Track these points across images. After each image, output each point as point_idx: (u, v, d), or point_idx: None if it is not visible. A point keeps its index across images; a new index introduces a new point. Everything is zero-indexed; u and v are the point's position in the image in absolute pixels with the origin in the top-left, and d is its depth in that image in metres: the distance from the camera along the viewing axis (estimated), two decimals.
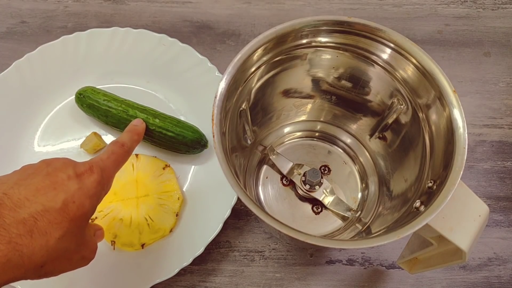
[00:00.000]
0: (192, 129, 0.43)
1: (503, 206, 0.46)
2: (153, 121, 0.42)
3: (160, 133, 0.42)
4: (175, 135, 0.42)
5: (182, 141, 0.43)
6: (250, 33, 0.54)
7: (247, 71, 0.34)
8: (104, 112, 0.44)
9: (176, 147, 0.43)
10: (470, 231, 0.29)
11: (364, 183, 0.43)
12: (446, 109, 0.31)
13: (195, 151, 0.44)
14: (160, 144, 0.44)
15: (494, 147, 0.49)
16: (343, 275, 0.42)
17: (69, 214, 0.27)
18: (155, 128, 0.42)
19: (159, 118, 0.43)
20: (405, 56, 0.34)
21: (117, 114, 0.43)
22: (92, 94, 0.44)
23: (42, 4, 0.55)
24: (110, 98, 0.44)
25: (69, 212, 0.27)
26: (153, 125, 0.42)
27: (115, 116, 0.43)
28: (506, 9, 0.57)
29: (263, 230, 0.44)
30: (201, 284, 0.41)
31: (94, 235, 0.33)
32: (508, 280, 0.42)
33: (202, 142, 0.43)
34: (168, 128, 0.42)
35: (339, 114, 0.44)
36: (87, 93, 0.44)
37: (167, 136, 0.42)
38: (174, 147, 0.43)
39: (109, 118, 0.44)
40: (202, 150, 0.44)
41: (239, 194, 0.28)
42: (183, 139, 0.42)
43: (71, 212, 0.27)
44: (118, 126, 0.44)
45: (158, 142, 0.43)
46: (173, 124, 0.43)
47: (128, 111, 0.43)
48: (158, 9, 0.55)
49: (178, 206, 0.41)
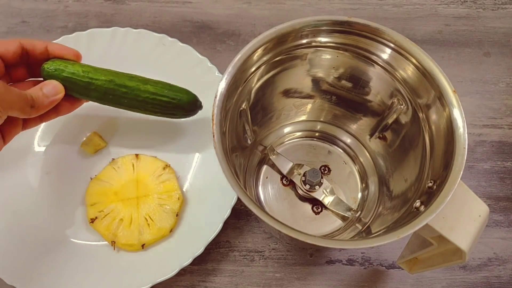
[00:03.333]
0: (186, 91, 0.41)
1: (503, 206, 0.46)
2: (144, 88, 0.39)
3: (153, 99, 0.40)
4: (170, 99, 0.40)
5: (178, 104, 0.40)
6: (250, 33, 0.54)
7: (247, 71, 0.34)
8: (86, 85, 0.38)
9: (172, 112, 0.41)
10: (470, 231, 0.29)
11: (364, 183, 0.43)
12: (446, 109, 0.31)
13: (191, 114, 0.42)
14: (155, 112, 0.41)
15: (494, 147, 0.49)
16: (343, 275, 0.42)
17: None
18: (148, 95, 0.39)
19: (150, 84, 0.40)
20: (405, 56, 0.34)
21: (102, 86, 0.38)
22: (65, 66, 0.38)
23: (43, 4, 0.55)
24: (89, 68, 0.39)
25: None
26: (145, 92, 0.39)
27: (99, 88, 0.38)
28: (506, 9, 0.57)
29: (263, 230, 0.44)
30: (201, 284, 0.41)
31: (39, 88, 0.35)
32: (508, 280, 0.42)
33: (198, 103, 0.42)
34: (161, 93, 0.40)
35: (339, 114, 0.44)
36: (58, 65, 0.37)
37: (162, 102, 0.40)
38: (170, 112, 0.41)
39: (92, 92, 0.39)
40: (197, 112, 0.43)
41: (239, 194, 0.28)
42: (179, 102, 0.40)
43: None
44: (105, 99, 0.40)
45: (152, 109, 0.41)
46: (166, 89, 0.40)
47: (114, 81, 0.39)
48: (158, 9, 0.55)
49: (178, 206, 0.41)
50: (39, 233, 0.41)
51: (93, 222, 0.40)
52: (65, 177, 0.44)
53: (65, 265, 0.39)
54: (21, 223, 0.41)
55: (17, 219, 0.41)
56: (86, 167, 0.44)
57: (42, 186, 0.43)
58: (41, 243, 0.40)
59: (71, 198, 0.43)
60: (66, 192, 0.43)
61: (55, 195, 0.43)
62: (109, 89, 0.39)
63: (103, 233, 0.40)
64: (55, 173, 0.44)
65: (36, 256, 0.39)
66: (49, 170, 0.44)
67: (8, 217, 0.41)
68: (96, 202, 0.41)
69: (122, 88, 0.39)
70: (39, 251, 0.40)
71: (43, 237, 0.41)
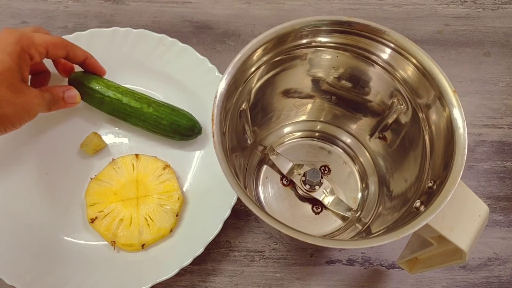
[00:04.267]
0: (187, 117, 0.44)
1: (503, 206, 0.46)
2: (147, 110, 0.43)
3: (155, 121, 0.43)
4: (169, 123, 0.43)
5: (176, 129, 0.43)
6: (250, 33, 0.54)
7: (247, 71, 0.34)
8: (99, 100, 0.43)
9: (170, 134, 0.44)
10: (470, 231, 0.29)
11: (364, 183, 0.43)
12: (446, 109, 0.31)
13: (189, 138, 0.45)
14: (155, 132, 0.45)
15: (494, 147, 0.49)
16: (343, 275, 0.42)
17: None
18: (149, 117, 0.43)
19: (153, 107, 0.43)
20: (405, 56, 0.34)
21: (111, 103, 0.43)
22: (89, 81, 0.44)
23: (43, 4, 0.55)
24: (104, 84, 0.44)
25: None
26: (147, 114, 0.43)
27: (109, 104, 0.43)
28: (506, 9, 0.57)
29: (263, 230, 0.44)
30: (201, 284, 0.41)
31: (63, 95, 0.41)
32: (508, 280, 0.42)
33: (196, 130, 0.44)
34: (161, 117, 0.43)
35: (339, 114, 0.44)
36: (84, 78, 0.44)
37: (161, 125, 0.43)
38: (169, 135, 0.44)
39: (104, 107, 0.44)
40: (196, 137, 0.45)
41: (239, 194, 0.28)
42: (177, 127, 0.43)
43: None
44: (114, 115, 0.44)
45: (153, 130, 0.44)
46: (167, 113, 0.43)
47: (121, 100, 0.43)
48: (158, 9, 0.55)
49: (178, 206, 0.41)
50: (39, 233, 0.41)
51: (93, 222, 0.40)
52: (65, 178, 0.44)
53: (65, 265, 0.39)
54: (21, 224, 0.41)
55: (17, 219, 0.41)
56: (86, 167, 0.44)
57: (42, 186, 0.43)
58: (41, 243, 0.40)
59: (71, 198, 0.43)
60: (66, 192, 0.43)
61: (55, 196, 0.43)
62: (116, 106, 0.43)
63: (103, 233, 0.40)
64: (54, 174, 0.44)
65: (36, 256, 0.39)
66: (49, 171, 0.44)
67: (8, 218, 0.41)
68: (96, 202, 0.41)
69: (127, 108, 0.43)
70: (39, 251, 0.40)
71: (43, 237, 0.41)
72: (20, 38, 0.36)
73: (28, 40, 0.37)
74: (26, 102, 0.36)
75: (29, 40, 0.37)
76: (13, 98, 0.35)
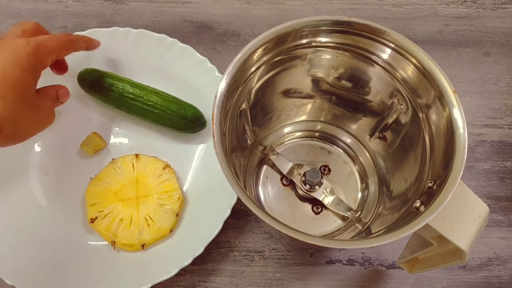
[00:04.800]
0: (193, 107, 0.44)
1: (503, 206, 0.46)
2: (155, 98, 0.43)
3: (161, 106, 0.43)
4: (176, 109, 0.43)
5: (183, 115, 0.43)
6: (250, 33, 0.54)
7: (247, 71, 0.34)
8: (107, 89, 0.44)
9: (175, 125, 0.44)
10: (470, 231, 0.29)
11: (364, 183, 0.43)
12: (446, 109, 0.31)
13: (193, 130, 0.45)
14: (159, 122, 0.44)
15: (494, 147, 0.49)
16: (343, 275, 0.42)
17: (7, 85, 0.32)
18: (156, 102, 0.43)
19: (159, 96, 0.44)
20: (405, 56, 0.34)
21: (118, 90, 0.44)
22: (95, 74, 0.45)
23: (42, 4, 0.55)
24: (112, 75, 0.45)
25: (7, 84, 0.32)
26: (155, 100, 0.43)
27: (116, 93, 0.44)
28: (506, 9, 0.57)
29: (263, 230, 0.44)
30: (201, 284, 0.41)
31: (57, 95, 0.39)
32: (508, 280, 0.42)
33: (202, 120, 0.44)
34: (169, 103, 0.43)
35: (339, 114, 0.44)
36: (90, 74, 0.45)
37: (168, 111, 0.43)
38: (173, 125, 0.44)
39: (111, 96, 0.44)
40: (201, 129, 0.45)
41: (239, 194, 0.28)
42: (184, 113, 0.43)
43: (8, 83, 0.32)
44: (120, 103, 0.45)
45: (158, 120, 0.44)
46: (174, 102, 0.44)
47: (129, 89, 0.44)
48: (158, 9, 0.55)
49: (178, 206, 0.41)
50: (39, 233, 0.41)
51: (93, 222, 0.40)
52: (65, 178, 0.44)
53: (65, 265, 0.39)
54: (21, 224, 0.41)
55: (17, 219, 0.41)
56: (86, 167, 0.44)
57: (42, 186, 0.43)
58: (41, 244, 0.40)
59: (71, 198, 0.43)
60: (66, 192, 0.43)
61: (55, 196, 0.43)
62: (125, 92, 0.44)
63: (103, 233, 0.40)
64: (54, 174, 0.44)
65: (36, 256, 0.39)
66: (49, 171, 0.44)
67: (8, 218, 0.41)
68: (96, 202, 0.41)
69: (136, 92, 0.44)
70: (39, 252, 0.40)
71: (43, 237, 0.41)
72: (37, 48, 0.35)
73: (44, 49, 0.36)
74: (41, 117, 0.36)
75: (44, 49, 0.36)
76: (29, 114, 0.35)
